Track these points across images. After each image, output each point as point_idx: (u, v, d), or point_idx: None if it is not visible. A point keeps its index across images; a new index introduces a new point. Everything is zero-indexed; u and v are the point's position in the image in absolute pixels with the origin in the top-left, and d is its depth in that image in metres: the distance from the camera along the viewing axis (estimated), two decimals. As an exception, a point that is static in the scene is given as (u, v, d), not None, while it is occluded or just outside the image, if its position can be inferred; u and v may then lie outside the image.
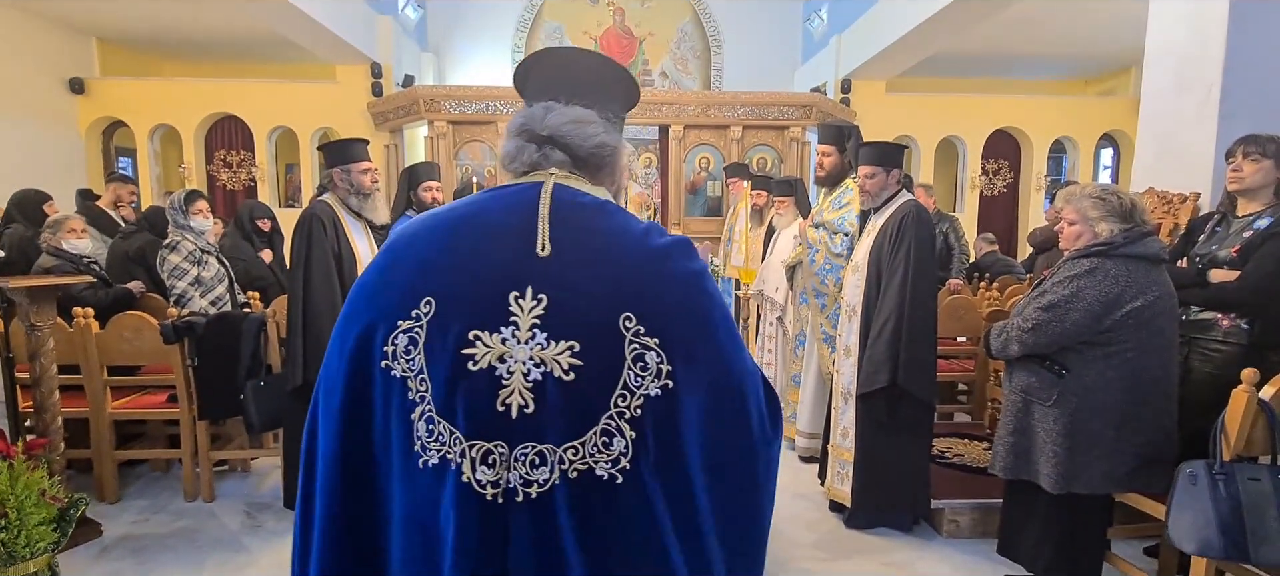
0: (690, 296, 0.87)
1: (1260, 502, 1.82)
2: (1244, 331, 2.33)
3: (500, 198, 0.92)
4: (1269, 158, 2.35)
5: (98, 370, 3.07)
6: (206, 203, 3.64)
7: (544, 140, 0.94)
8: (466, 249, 0.86)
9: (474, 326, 0.81)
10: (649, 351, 0.82)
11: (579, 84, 0.99)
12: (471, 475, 0.79)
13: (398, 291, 0.85)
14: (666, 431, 0.83)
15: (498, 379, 0.80)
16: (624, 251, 0.87)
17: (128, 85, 7.81)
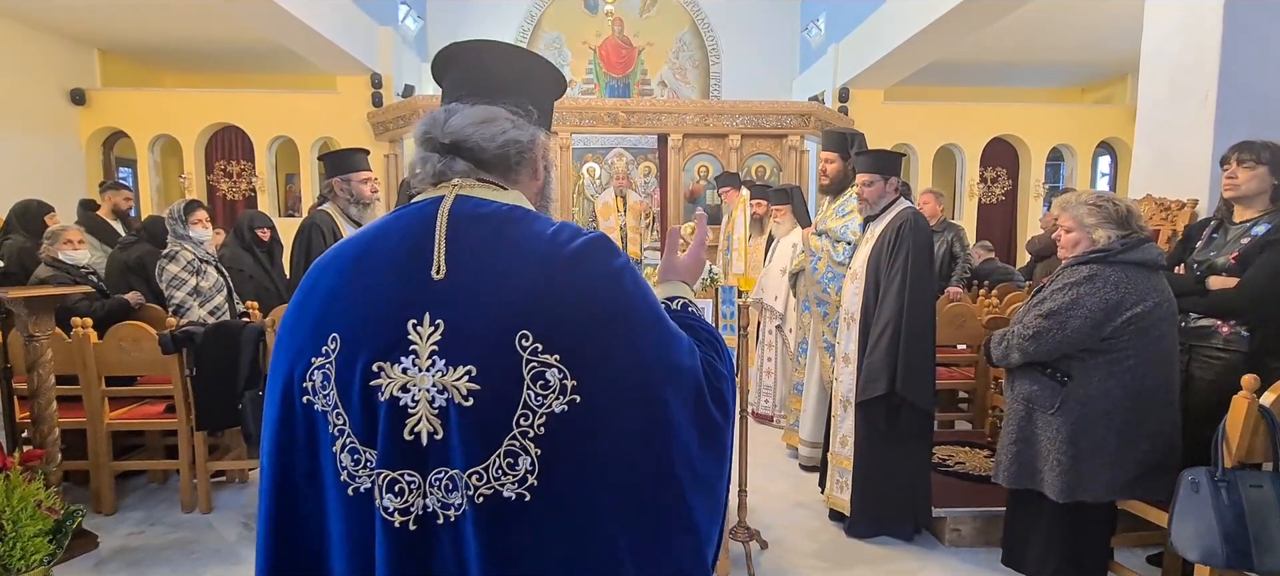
0: (598, 304, 0.83)
1: (1263, 510, 1.82)
2: (1244, 339, 2.33)
3: (401, 219, 0.89)
4: (1263, 164, 2.35)
5: (96, 381, 3.06)
6: (206, 212, 3.64)
7: (446, 148, 0.90)
8: (367, 279, 0.85)
9: (376, 358, 0.81)
10: (549, 368, 0.80)
11: (493, 80, 0.95)
12: (379, 503, 0.80)
13: (309, 327, 0.86)
14: (576, 447, 0.81)
15: (403, 408, 0.80)
16: (524, 264, 0.83)
17: (128, 96, 7.84)
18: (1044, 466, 2.18)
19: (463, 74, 0.97)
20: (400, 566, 0.80)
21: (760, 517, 3.05)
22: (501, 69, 0.98)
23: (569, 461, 0.81)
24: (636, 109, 7.35)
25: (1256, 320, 2.31)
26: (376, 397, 0.81)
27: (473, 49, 0.99)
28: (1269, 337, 2.33)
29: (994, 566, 2.61)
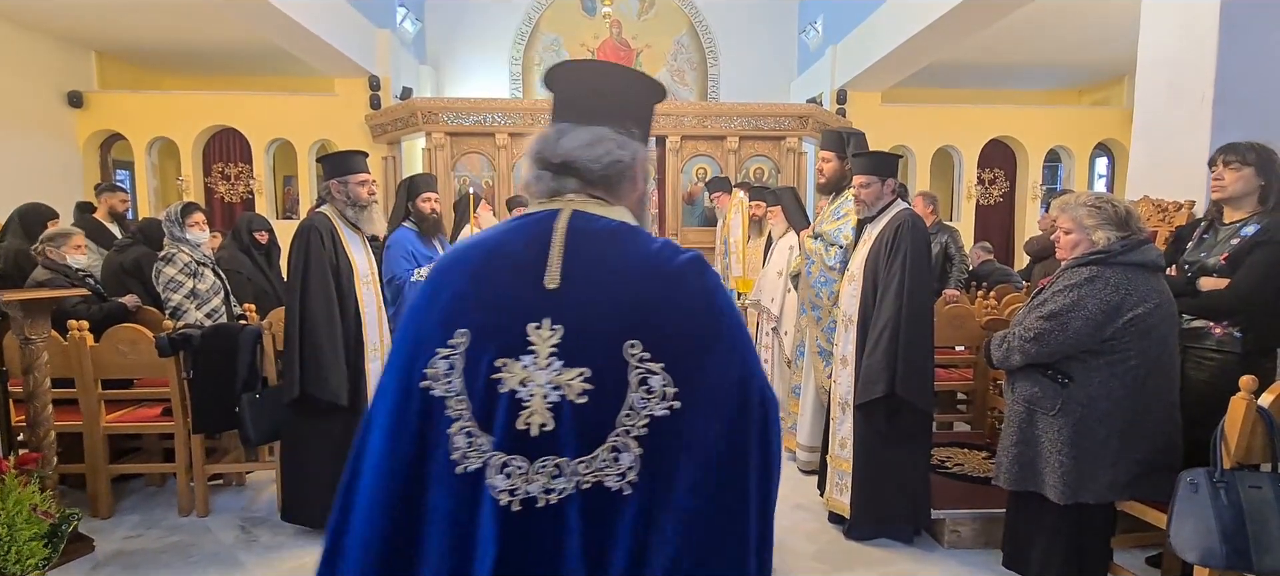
0: (696, 320, 0.93)
1: (1262, 510, 1.81)
2: (1237, 339, 2.33)
3: (522, 228, 0.99)
4: (1249, 165, 2.36)
5: (92, 384, 3.05)
6: (203, 215, 3.63)
7: (558, 167, 0.99)
8: (494, 282, 0.96)
9: (501, 354, 0.92)
10: (653, 375, 0.90)
11: (598, 100, 1.02)
12: (502, 482, 0.90)
13: (438, 321, 0.96)
14: (673, 448, 0.90)
15: (520, 401, 0.90)
16: (631, 278, 0.94)
17: (126, 98, 7.84)
18: (1045, 468, 2.18)
19: (571, 92, 1.04)
20: (502, 542, 0.88)
21: (759, 519, 3.04)
22: (606, 88, 1.05)
23: (665, 460, 0.90)
24: (635, 111, 7.36)
25: (1247, 320, 2.32)
26: (497, 389, 0.91)
27: (580, 69, 1.09)
28: (1261, 338, 2.33)
29: (993, 568, 2.60)
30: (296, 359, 2.75)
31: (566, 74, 1.06)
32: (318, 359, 2.76)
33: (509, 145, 7.19)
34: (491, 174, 7.23)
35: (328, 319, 2.80)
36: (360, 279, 2.98)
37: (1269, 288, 2.30)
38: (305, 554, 2.80)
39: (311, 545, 2.86)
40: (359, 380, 2.92)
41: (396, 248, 3.63)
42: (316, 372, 2.75)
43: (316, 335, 2.76)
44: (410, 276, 3.60)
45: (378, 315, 3.11)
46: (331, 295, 2.83)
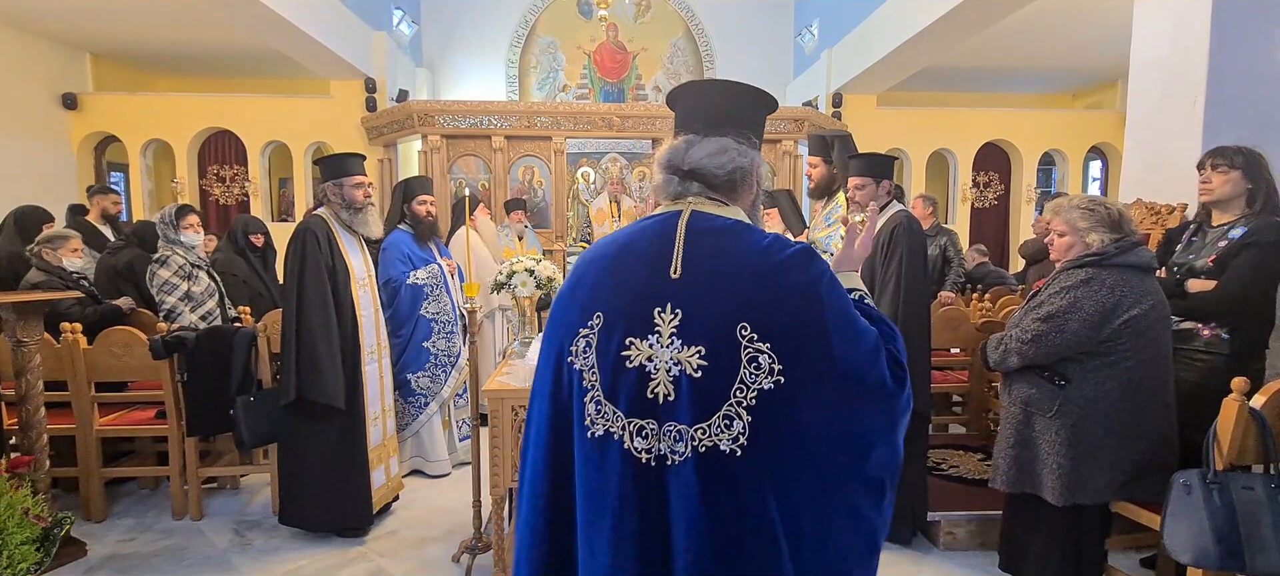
0: (799, 306, 1.05)
1: (1255, 511, 1.82)
2: (1225, 341, 2.35)
3: (649, 228, 1.14)
4: (1236, 168, 2.38)
5: (85, 386, 3.03)
6: (197, 217, 3.62)
7: (686, 174, 1.13)
8: (625, 273, 1.11)
9: (629, 334, 1.07)
10: (761, 354, 1.02)
11: (719, 113, 1.17)
12: (630, 443, 1.05)
13: (579, 307, 1.13)
14: (778, 417, 1.02)
15: (647, 374, 1.05)
16: (743, 269, 1.06)
17: (120, 100, 7.80)
18: (1043, 470, 2.18)
19: (695, 106, 1.19)
20: (637, 491, 1.04)
21: (755, 522, 3.04)
22: (726, 102, 1.20)
23: (771, 427, 1.03)
24: (630, 114, 7.35)
25: (1235, 322, 2.34)
26: (626, 364, 1.06)
27: (703, 87, 1.24)
28: (1248, 339, 2.35)
29: (989, 570, 2.61)
30: (293, 361, 2.74)
31: (691, 91, 1.21)
32: (314, 362, 2.75)
33: (505, 148, 7.18)
34: (488, 176, 7.23)
35: (324, 321, 2.80)
36: (356, 281, 2.97)
37: (1256, 289, 2.32)
38: (300, 557, 2.78)
39: (307, 548, 2.85)
40: (356, 382, 2.91)
41: (393, 250, 3.63)
42: (313, 375, 2.74)
43: (313, 338, 2.76)
44: (407, 278, 3.60)
45: (375, 317, 3.10)
46: (328, 298, 2.83)
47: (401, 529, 3.05)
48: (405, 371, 3.60)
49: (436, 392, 3.64)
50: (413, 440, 3.66)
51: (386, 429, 3.14)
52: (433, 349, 3.63)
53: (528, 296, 2.92)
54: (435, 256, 3.75)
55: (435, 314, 3.64)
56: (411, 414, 3.62)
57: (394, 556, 2.80)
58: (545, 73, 10.33)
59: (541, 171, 7.36)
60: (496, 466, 2.30)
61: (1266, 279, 2.35)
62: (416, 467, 3.68)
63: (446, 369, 3.67)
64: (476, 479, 2.66)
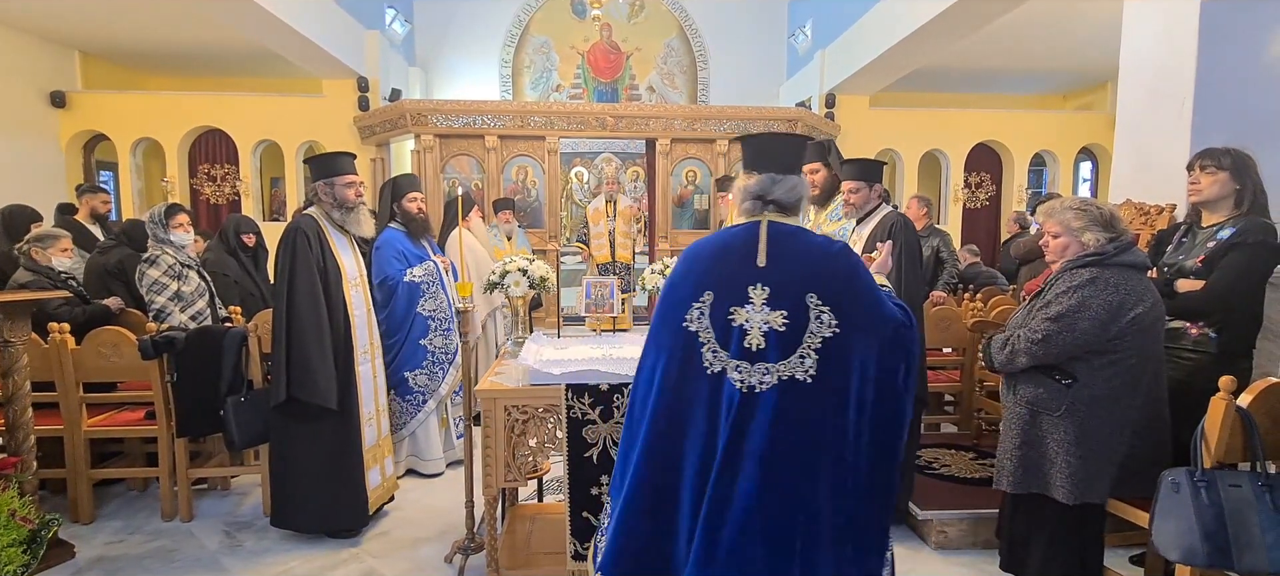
0: (847, 281, 1.56)
1: (1242, 509, 1.84)
2: (1212, 339, 2.38)
3: (737, 234, 1.63)
4: (1224, 170, 2.41)
5: (73, 387, 3.01)
6: (187, 216, 3.59)
7: (768, 202, 1.63)
8: (726, 263, 1.61)
9: (732, 304, 1.56)
10: (824, 313, 1.53)
11: (786, 158, 1.67)
12: (739, 376, 1.54)
13: (691, 287, 1.61)
14: (835, 355, 1.52)
15: (744, 331, 1.55)
16: (809, 257, 1.58)
17: (110, 98, 7.74)
18: (1052, 469, 2.18)
19: (768, 150, 1.67)
20: (740, 412, 1.52)
21: (748, 521, 3.05)
22: (790, 150, 1.71)
23: (832, 363, 1.52)
24: (624, 114, 7.35)
25: (1222, 321, 2.37)
26: (731, 324, 1.56)
27: (774, 140, 1.71)
28: (1235, 338, 2.38)
29: (981, 569, 2.63)
30: (284, 361, 2.72)
31: (764, 141, 1.71)
32: (305, 362, 2.73)
33: (498, 147, 7.17)
34: (481, 176, 7.21)
35: (315, 321, 2.78)
36: (348, 281, 2.96)
37: (1243, 289, 2.34)
38: (292, 558, 2.77)
39: (298, 549, 2.83)
40: (349, 382, 2.89)
41: (387, 248, 3.61)
42: (304, 376, 2.72)
43: (304, 338, 2.74)
44: (403, 276, 3.58)
45: (367, 317, 3.08)
46: (319, 297, 2.81)
47: (394, 529, 3.04)
48: (402, 369, 3.58)
49: (434, 390, 3.63)
50: (408, 439, 3.64)
51: (381, 429, 3.13)
52: (429, 346, 3.62)
53: (521, 296, 2.91)
54: (429, 253, 3.74)
55: (432, 311, 3.63)
56: (409, 412, 3.61)
57: (386, 557, 2.79)
58: (539, 72, 10.31)
59: (535, 171, 7.35)
60: (489, 466, 2.29)
61: (1253, 279, 2.37)
62: (411, 467, 3.66)
63: (444, 366, 3.65)
64: (469, 479, 2.65)
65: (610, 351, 2.49)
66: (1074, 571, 2.25)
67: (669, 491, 1.59)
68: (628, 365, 2.28)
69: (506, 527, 2.75)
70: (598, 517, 2.30)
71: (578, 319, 3.27)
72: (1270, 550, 1.80)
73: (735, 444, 1.52)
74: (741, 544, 1.50)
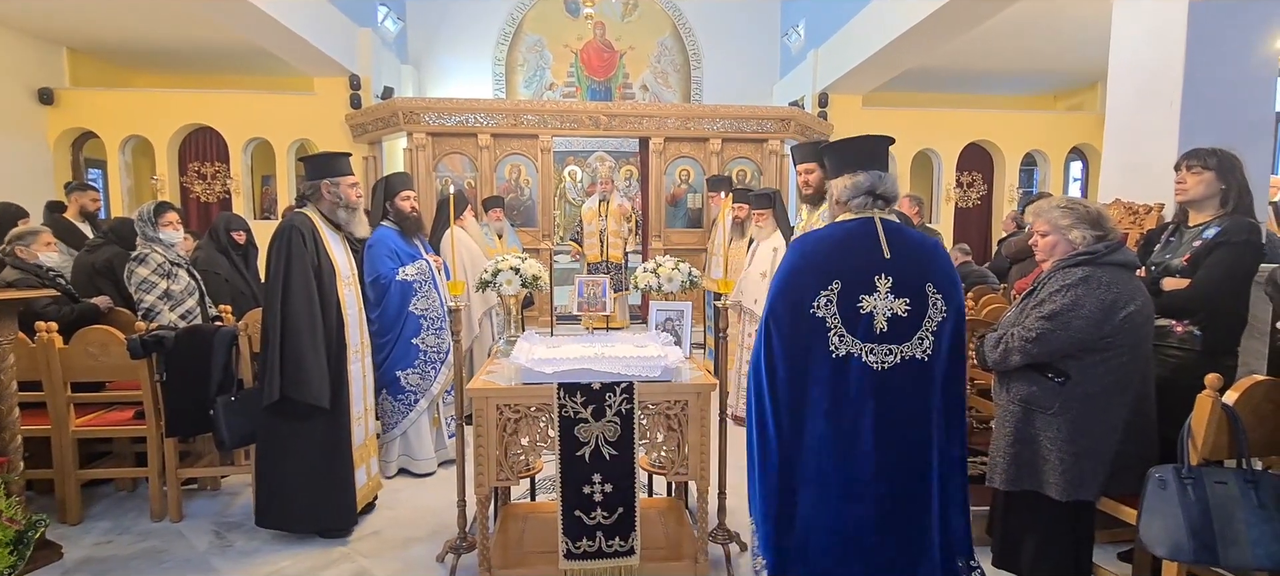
0: (949, 272, 1.91)
1: (1228, 505, 1.86)
2: (1198, 338, 2.40)
3: (854, 228, 1.90)
4: (1210, 170, 2.43)
5: (60, 386, 2.98)
6: (177, 214, 3.57)
7: (877, 197, 1.92)
8: (850, 254, 1.87)
9: (860, 293, 1.83)
10: (939, 298, 1.87)
11: (880, 155, 1.98)
12: (866, 358, 1.84)
13: (815, 276, 1.85)
14: (946, 335, 1.88)
15: (871, 316, 1.83)
16: (923, 250, 1.90)
17: (98, 95, 7.67)
18: (1045, 466, 2.19)
19: (868, 151, 1.98)
20: (873, 387, 1.84)
21: (740, 520, 3.05)
22: (882, 151, 2.00)
23: (945, 342, 1.88)
24: (618, 112, 7.35)
25: (1207, 319, 2.39)
26: (858, 311, 1.82)
27: (871, 142, 2.01)
28: (1219, 336, 2.40)
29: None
30: (277, 361, 2.70)
31: (859, 143, 2.01)
32: (299, 361, 2.72)
33: (491, 146, 7.15)
34: (474, 174, 7.19)
35: (309, 320, 2.76)
36: (342, 280, 2.94)
37: (1227, 287, 2.37)
38: (282, 559, 2.75)
39: (289, 549, 2.82)
40: (341, 382, 2.88)
41: (380, 247, 3.60)
42: (297, 375, 2.71)
43: (298, 337, 2.72)
44: (396, 275, 3.57)
45: (359, 316, 3.07)
46: (314, 296, 2.79)
47: (385, 529, 3.03)
48: (394, 369, 3.57)
49: (426, 389, 3.62)
50: (401, 439, 3.63)
51: (368, 428, 3.12)
52: (422, 345, 3.61)
53: (513, 294, 2.90)
54: (422, 252, 3.73)
55: (424, 310, 3.61)
56: (401, 411, 3.60)
57: (377, 557, 2.78)
58: (532, 71, 10.29)
59: (528, 170, 7.34)
60: (481, 465, 2.29)
61: (1238, 277, 2.40)
62: (404, 467, 3.65)
63: (436, 365, 3.64)
64: (461, 478, 2.64)
65: (603, 350, 2.49)
66: (1066, 568, 2.27)
67: (798, 464, 1.91)
68: (620, 364, 2.28)
69: (499, 527, 2.75)
70: (589, 516, 2.30)
71: (573, 318, 3.27)
72: (1255, 546, 1.82)
73: (866, 416, 1.83)
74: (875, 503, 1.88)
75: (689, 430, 2.31)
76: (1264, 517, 1.83)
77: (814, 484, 1.90)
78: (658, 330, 2.82)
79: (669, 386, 2.28)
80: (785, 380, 1.86)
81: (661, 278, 2.98)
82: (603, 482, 2.28)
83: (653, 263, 3.06)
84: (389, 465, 3.61)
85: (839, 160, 1.97)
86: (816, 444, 1.88)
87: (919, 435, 1.89)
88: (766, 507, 1.93)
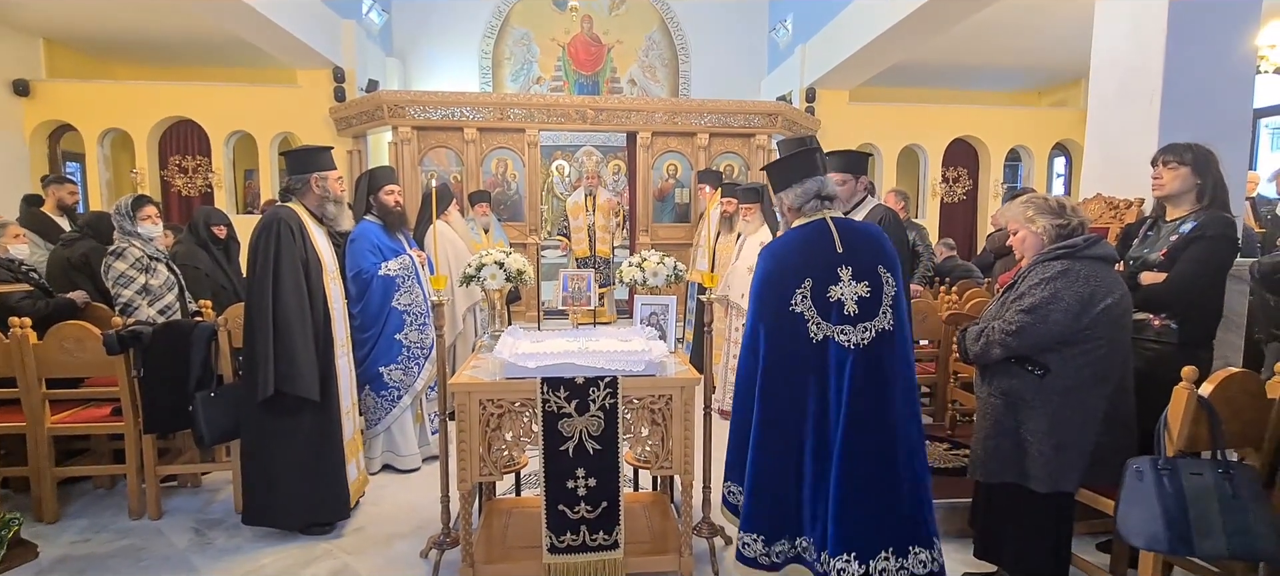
0: (892, 253, 2.13)
1: (1203, 496, 1.88)
2: (1174, 331, 2.43)
3: (812, 230, 2.11)
4: (1186, 164, 2.46)
5: (35, 383, 2.92)
6: (155, 208, 3.51)
7: (825, 197, 2.15)
8: (815, 254, 2.07)
9: (828, 285, 2.04)
10: (888, 276, 2.07)
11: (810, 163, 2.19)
12: (839, 338, 2.03)
13: (792, 277, 2.06)
14: (898, 308, 2.08)
15: (842, 303, 2.03)
16: (870, 238, 2.12)
17: (76, 87, 7.52)
18: (1026, 459, 2.21)
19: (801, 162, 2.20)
20: (853, 364, 2.01)
21: (726, 513, 3.06)
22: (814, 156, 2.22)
23: (897, 314, 2.07)
24: (605, 106, 7.32)
25: (1183, 312, 2.42)
26: (828, 300, 2.03)
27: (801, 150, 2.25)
28: (1196, 329, 2.44)
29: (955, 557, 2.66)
30: (269, 355, 2.66)
31: (796, 156, 2.22)
32: (292, 354, 2.69)
33: (478, 140, 7.10)
34: (460, 169, 7.14)
35: (300, 313, 2.74)
36: (328, 274, 2.92)
37: (1203, 281, 2.40)
38: (263, 556, 2.73)
39: (271, 546, 2.79)
40: (330, 375, 2.86)
41: (362, 241, 3.56)
42: (290, 368, 2.68)
43: (290, 331, 2.69)
44: (378, 270, 3.53)
45: (343, 311, 3.05)
46: (303, 289, 2.77)
47: (368, 525, 3.00)
48: (377, 364, 3.54)
49: (409, 385, 3.59)
50: (384, 436, 3.60)
51: (355, 423, 3.10)
52: (405, 341, 3.58)
53: (498, 289, 2.89)
54: (405, 247, 3.69)
55: (407, 305, 3.58)
56: (384, 407, 3.57)
57: (360, 553, 2.76)
58: (519, 64, 10.23)
59: (515, 164, 7.29)
60: (464, 461, 2.28)
61: (1213, 271, 2.43)
62: (388, 463, 3.63)
63: (419, 361, 3.62)
64: (445, 474, 2.63)
65: (586, 344, 2.48)
66: (1048, 559, 2.30)
67: (792, 440, 2.07)
68: (603, 358, 2.27)
69: (483, 522, 2.74)
70: (573, 510, 2.30)
71: (561, 313, 3.26)
72: (1229, 536, 1.85)
73: (849, 388, 2.02)
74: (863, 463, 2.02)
75: (673, 424, 2.31)
76: (1237, 508, 1.85)
77: (801, 452, 2.07)
78: (643, 324, 2.82)
79: (653, 381, 2.28)
80: (774, 366, 2.06)
81: (647, 272, 2.97)
82: (587, 477, 2.28)
83: (638, 257, 3.05)
84: (372, 461, 3.58)
85: (784, 175, 2.19)
86: (800, 415, 2.06)
87: (890, 393, 2.06)
88: (756, 482, 2.09)
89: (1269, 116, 7.20)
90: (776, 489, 2.08)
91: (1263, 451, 2.09)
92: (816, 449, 2.05)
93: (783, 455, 2.07)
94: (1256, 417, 2.06)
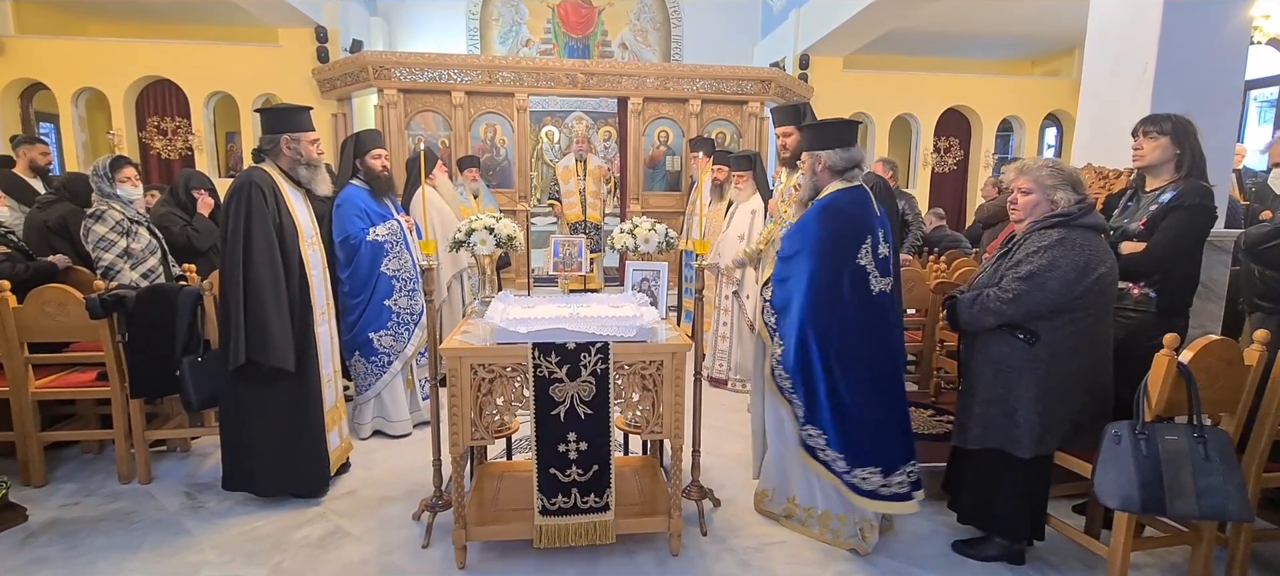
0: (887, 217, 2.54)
1: (1177, 459, 1.94)
2: (1153, 299, 2.48)
3: (861, 194, 2.46)
4: (1165, 134, 2.48)
5: (17, 348, 2.89)
6: (135, 170, 3.43)
7: (859, 164, 2.50)
8: (867, 217, 2.42)
9: (878, 244, 2.42)
10: (890, 234, 2.52)
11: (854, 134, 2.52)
12: (885, 288, 2.45)
13: (856, 235, 2.40)
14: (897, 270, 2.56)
15: (886, 259, 2.45)
16: (882, 205, 2.53)
17: (48, 44, 7.28)
18: (1013, 426, 2.25)
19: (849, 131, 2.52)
20: (892, 303, 2.48)
21: (713, 477, 3.12)
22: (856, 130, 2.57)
23: (897, 273, 2.57)
24: (596, 71, 7.20)
25: (1162, 281, 2.47)
26: (877, 255, 2.42)
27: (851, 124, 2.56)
28: (1174, 297, 2.48)
29: (937, 520, 2.73)
30: (241, 323, 2.63)
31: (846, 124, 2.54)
32: (263, 323, 2.65)
33: (465, 104, 6.97)
34: (448, 133, 7.03)
35: (273, 281, 2.69)
36: (304, 239, 2.86)
37: (1181, 250, 2.44)
38: (256, 519, 2.74)
39: (263, 511, 2.80)
40: (307, 344, 2.82)
41: (348, 205, 3.51)
42: (261, 337, 2.65)
43: (261, 298, 2.65)
44: (366, 235, 3.49)
45: (324, 277, 3.00)
46: (276, 256, 2.71)
47: (361, 488, 3.02)
48: (367, 330, 3.52)
49: (399, 351, 3.58)
50: (375, 401, 3.60)
51: (338, 391, 3.08)
52: (394, 307, 3.56)
53: (488, 254, 2.87)
54: (393, 212, 3.65)
55: (396, 271, 3.55)
56: (375, 373, 3.56)
57: (353, 516, 2.78)
58: (507, 26, 10.00)
59: (504, 129, 7.19)
60: (456, 425, 2.29)
61: (1191, 240, 2.47)
62: (379, 428, 3.64)
63: (409, 327, 3.60)
64: (436, 438, 2.64)
65: (577, 310, 2.48)
66: (1035, 520, 2.37)
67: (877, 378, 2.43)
68: (595, 324, 2.27)
69: (474, 485, 2.76)
70: (565, 474, 2.32)
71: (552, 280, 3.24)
72: (1201, 497, 1.91)
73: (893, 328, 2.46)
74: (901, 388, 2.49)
75: (664, 389, 2.32)
76: (1209, 470, 1.91)
77: (870, 387, 2.43)
78: (634, 291, 2.82)
79: (644, 347, 2.29)
80: (842, 319, 2.39)
81: (638, 238, 2.96)
82: (578, 441, 2.30)
83: (629, 223, 3.04)
84: (363, 427, 3.59)
85: (828, 135, 2.48)
86: (869, 354, 2.42)
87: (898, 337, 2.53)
88: (835, 419, 2.43)
89: (1259, 88, 7.23)
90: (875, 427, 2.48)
91: (1236, 416, 2.14)
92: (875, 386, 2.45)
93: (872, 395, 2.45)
94: (1232, 384, 2.11)
